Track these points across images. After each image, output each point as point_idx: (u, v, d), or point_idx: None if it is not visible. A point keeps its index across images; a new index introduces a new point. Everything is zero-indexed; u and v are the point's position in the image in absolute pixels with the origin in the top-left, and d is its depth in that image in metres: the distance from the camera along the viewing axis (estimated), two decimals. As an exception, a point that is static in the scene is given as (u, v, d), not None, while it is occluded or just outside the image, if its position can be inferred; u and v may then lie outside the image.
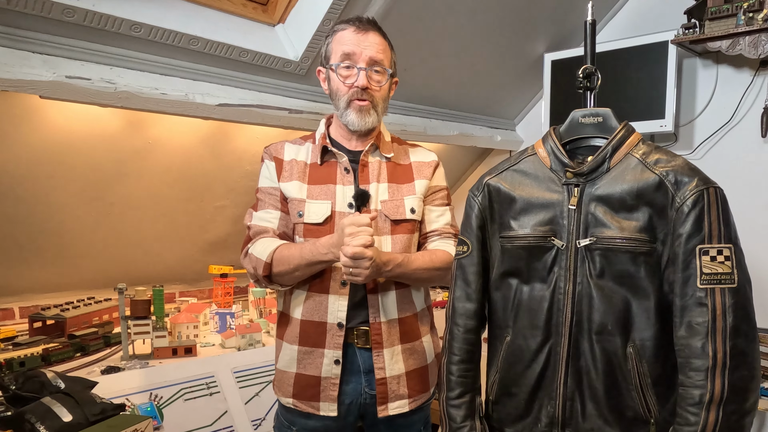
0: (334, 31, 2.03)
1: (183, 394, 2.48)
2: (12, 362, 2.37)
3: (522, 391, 1.68)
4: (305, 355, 2.02)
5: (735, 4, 3.03)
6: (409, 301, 2.08)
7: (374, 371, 2.01)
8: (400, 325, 2.04)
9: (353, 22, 1.99)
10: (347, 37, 1.98)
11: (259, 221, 2.06)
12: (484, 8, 3.23)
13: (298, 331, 2.03)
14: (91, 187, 2.78)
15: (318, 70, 2.12)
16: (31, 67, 2.10)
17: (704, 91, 3.58)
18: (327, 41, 2.05)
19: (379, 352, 2.00)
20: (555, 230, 1.62)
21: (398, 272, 1.95)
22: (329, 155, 2.07)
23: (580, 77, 1.72)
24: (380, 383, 2.00)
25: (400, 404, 2.04)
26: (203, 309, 3.27)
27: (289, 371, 2.05)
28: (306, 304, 2.02)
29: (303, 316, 2.02)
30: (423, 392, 2.10)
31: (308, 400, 2.02)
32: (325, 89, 2.10)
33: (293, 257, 1.93)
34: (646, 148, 1.58)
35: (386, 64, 2.03)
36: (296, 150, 2.10)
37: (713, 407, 1.41)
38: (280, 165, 2.07)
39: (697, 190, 1.46)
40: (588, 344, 1.57)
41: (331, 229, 1.98)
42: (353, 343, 2.01)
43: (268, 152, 2.11)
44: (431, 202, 2.15)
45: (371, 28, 2.00)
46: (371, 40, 1.98)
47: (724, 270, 1.44)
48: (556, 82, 3.85)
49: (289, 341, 2.06)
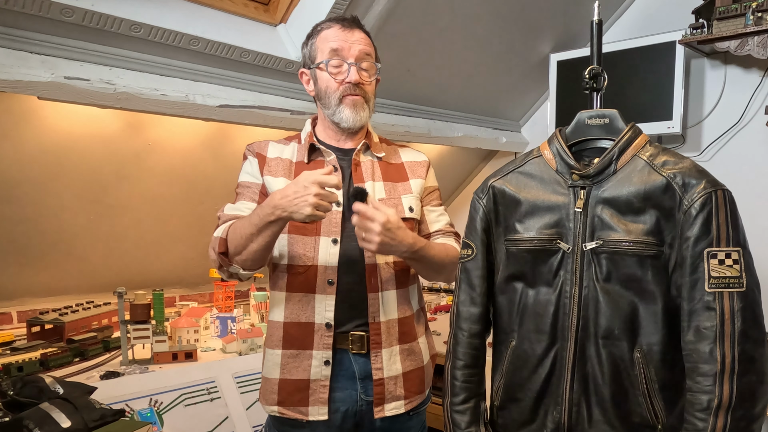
0: (317, 31, 2.03)
1: (183, 399, 2.48)
2: (10, 367, 2.37)
3: (527, 397, 1.68)
4: (290, 359, 1.99)
5: (744, 4, 3.03)
6: (408, 301, 2.08)
7: (372, 374, 1.99)
8: (399, 326, 2.04)
9: (337, 20, 2.01)
10: (333, 35, 1.98)
11: (231, 210, 2.03)
12: (488, 8, 3.24)
13: (281, 335, 2.00)
14: (90, 189, 2.78)
15: (301, 73, 2.11)
16: (29, 68, 2.10)
17: (712, 92, 3.58)
18: (310, 42, 2.05)
19: (378, 353, 1.99)
20: (561, 233, 1.62)
21: (422, 254, 1.93)
22: (316, 153, 2.06)
23: (586, 78, 1.72)
24: (377, 384, 1.99)
25: (397, 405, 2.02)
26: (204, 313, 3.27)
27: (271, 378, 2.02)
28: (289, 305, 1.99)
29: (286, 318, 2.00)
30: (419, 393, 2.09)
31: (295, 406, 1.98)
32: (310, 91, 2.09)
33: (244, 227, 1.87)
34: (653, 150, 1.58)
35: (374, 59, 2.05)
36: (281, 149, 2.09)
37: (721, 413, 1.40)
38: (263, 161, 2.06)
39: (705, 193, 1.46)
40: (594, 349, 1.57)
41: (318, 227, 1.97)
42: (347, 348, 1.99)
43: (250, 149, 2.10)
44: (428, 202, 2.16)
45: (356, 26, 2.02)
46: (357, 36, 2.00)
47: (732, 273, 1.44)
48: (562, 83, 3.85)
49: (271, 346, 2.03)
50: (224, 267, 1.97)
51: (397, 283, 2.04)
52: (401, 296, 2.05)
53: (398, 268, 2.04)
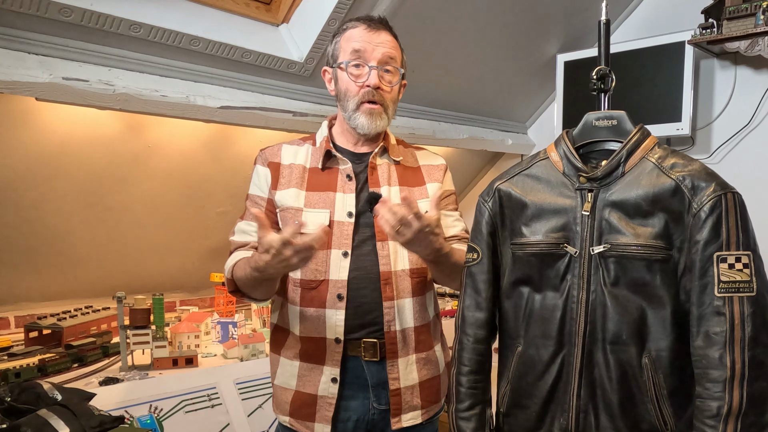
0: (343, 29, 2.02)
1: (184, 406, 2.48)
2: (7, 373, 2.38)
3: (534, 403, 1.68)
4: (307, 371, 1.99)
5: (754, 4, 3.03)
6: (424, 309, 2.06)
7: (387, 383, 1.97)
8: (416, 334, 2.02)
9: (364, 20, 1.99)
10: (358, 35, 1.97)
11: (240, 235, 2.05)
12: (494, 7, 3.24)
13: (299, 348, 2.00)
14: (88, 192, 2.78)
15: (324, 70, 2.10)
16: (26, 69, 2.11)
17: (722, 93, 3.58)
18: (335, 40, 2.04)
19: (394, 362, 1.97)
20: (568, 237, 1.62)
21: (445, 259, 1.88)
22: (332, 161, 2.05)
23: (593, 79, 1.73)
24: (394, 394, 1.98)
25: (413, 416, 2.01)
26: (205, 318, 3.27)
27: (288, 388, 2.02)
28: (303, 319, 1.99)
29: (302, 332, 2.00)
30: (435, 403, 2.09)
31: (303, 420, 1.99)
32: (331, 90, 2.08)
33: (246, 271, 1.88)
34: (661, 152, 1.58)
35: (398, 63, 2.02)
36: (295, 152, 2.07)
37: (731, 420, 1.40)
38: (277, 170, 2.04)
39: (714, 196, 1.46)
40: (602, 355, 1.57)
41: (329, 239, 1.95)
42: (359, 356, 1.97)
43: (262, 156, 2.08)
44: (445, 207, 2.14)
45: (383, 27, 2.00)
46: (383, 38, 1.98)
47: (742, 278, 1.44)
48: (569, 84, 3.86)
49: (289, 357, 2.03)
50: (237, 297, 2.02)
51: (414, 291, 2.02)
52: (418, 304, 2.03)
53: (415, 275, 2.03)
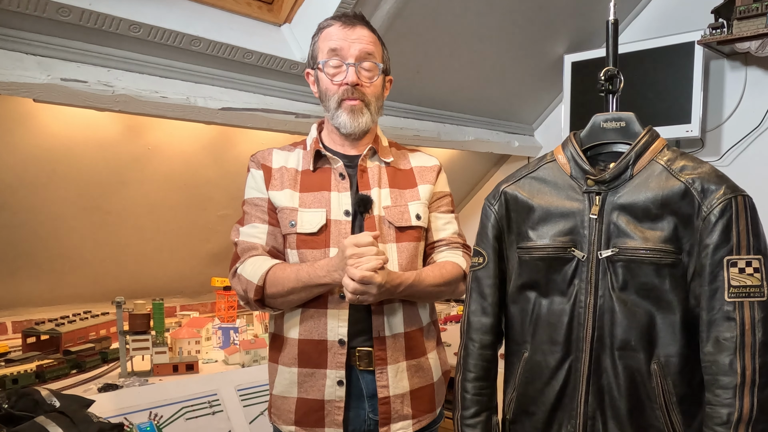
0: (319, 29, 2.02)
1: (184, 413, 2.49)
2: (4, 379, 2.38)
3: (541, 410, 1.68)
4: (306, 377, 1.98)
5: (764, 3, 3.03)
6: (415, 315, 2.05)
7: (377, 392, 1.97)
8: (406, 340, 2.01)
9: (339, 18, 1.99)
10: (334, 33, 1.96)
11: (246, 237, 2.03)
12: (500, 7, 3.24)
13: (296, 353, 1.99)
14: (87, 195, 2.79)
15: (306, 73, 2.10)
16: (24, 69, 2.11)
17: (732, 94, 3.58)
18: (313, 41, 2.04)
19: (383, 369, 1.96)
20: (575, 241, 1.62)
21: (409, 292, 1.93)
22: (322, 161, 2.05)
23: (601, 80, 1.72)
24: (383, 403, 1.96)
25: (404, 425, 2.00)
26: (205, 323, 3.27)
27: (289, 396, 2.01)
28: (302, 322, 1.98)
29: (300, 335, 1.99)
30: (428, 412, 2.07)
31: (312, 427, 1.98)
32: (315, 92, 2.08)
33: (288, 280, 1.89)
34: (671, 155, 1.58)
35: (377, 58, 2.01)
36: (285, 157, 2.08)
37: (742, 427, 1.40)
38: (269, 173, 2.04)
39: (724, 199, 1.46)
40: (610, 361, 1.57)
41: (327, 239, 1.96)
42: (355, 365, 1.97)
43: (254, 160, 2.08)
44: (437, 208, 2.13)
45: (358, 23, 1.99)
46: (359, 34, 1.97)
47: (753, 282, 1.43)
48: (576, 85, 3.85)
49: (286, 364, 2.02)
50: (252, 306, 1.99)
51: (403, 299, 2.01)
52: (408, 309, 2.03)
53: None
